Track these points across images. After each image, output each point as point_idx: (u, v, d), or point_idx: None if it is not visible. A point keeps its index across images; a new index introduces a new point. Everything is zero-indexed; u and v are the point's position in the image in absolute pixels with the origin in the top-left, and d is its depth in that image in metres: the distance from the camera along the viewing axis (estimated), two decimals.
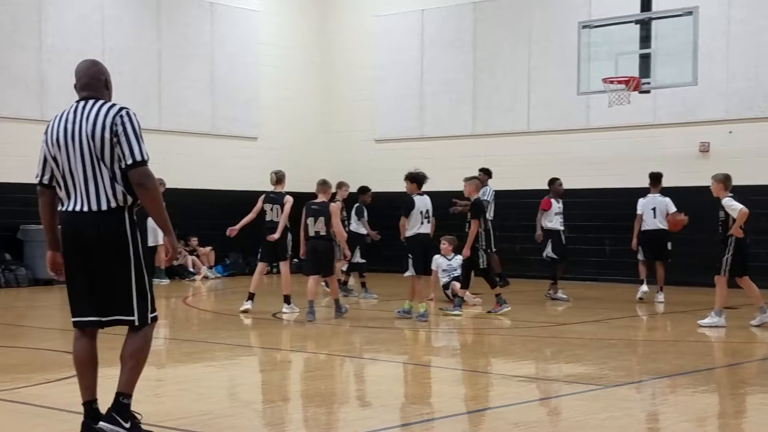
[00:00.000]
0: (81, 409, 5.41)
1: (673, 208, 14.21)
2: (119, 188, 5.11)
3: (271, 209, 12.52)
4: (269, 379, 7.90)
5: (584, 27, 16.00)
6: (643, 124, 17.73)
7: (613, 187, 17.77)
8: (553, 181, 14.93)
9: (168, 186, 18.86)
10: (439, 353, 9.67)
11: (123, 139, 5.09)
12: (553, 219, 14.54)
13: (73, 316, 5.33)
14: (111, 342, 8.90)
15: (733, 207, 11.37)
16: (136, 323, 5.25)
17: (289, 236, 12.59)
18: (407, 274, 11.63)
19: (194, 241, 19.00)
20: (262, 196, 12.78)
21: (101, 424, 5.18)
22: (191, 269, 18.63)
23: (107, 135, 5.09)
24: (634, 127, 17.84)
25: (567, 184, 18.42)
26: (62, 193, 5.23)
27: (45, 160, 5.32)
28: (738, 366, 8.25)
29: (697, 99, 16.93)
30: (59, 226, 5.30)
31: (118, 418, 5.15)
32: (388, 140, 21.13)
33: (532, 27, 19.13)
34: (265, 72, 20.94)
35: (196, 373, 7.95)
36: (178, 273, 18.33)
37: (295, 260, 14.03)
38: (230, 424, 5.87)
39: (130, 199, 5.13)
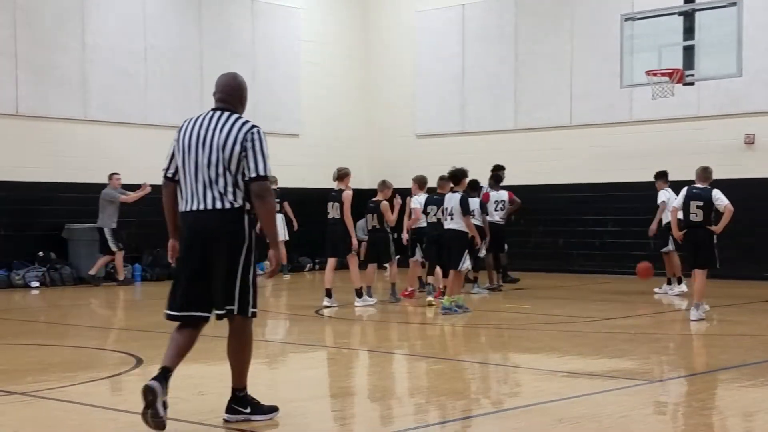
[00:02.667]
0: (126, 407, 5.67)
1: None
2: (239, 193, 5.56)
3: (332, 206, 12.73)
4: (312, 375, 7.93)
5: (627, 19, 15.87)
6: (687, 117, 17.51)
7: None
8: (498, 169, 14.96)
9: None
10: (480, 349, 9.63)
11: (251, 154, 5.55)
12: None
13: (170, 309, 5.76)
14: (156, 340, 8.98)
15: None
16: (235, 312, 5.56)
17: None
18: (462, 267, 11.83)
19: None
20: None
21: (225, 416, 5.71)
22: None
23: (237, 148, 5.54)
24: (678, 120, 17.63)
25: (610, 178, 18.32)
26: (185, 193, 5.65)
27: (173, 156, 5.76)
28: None
29: (741, 90, 16.67)
30: (179, 224, 5.75)
31: (237, 407, 5.71)
32: (429, 136, 21.10)
33: (574, 20, 18.97)
34: (306, 69, 21.02)
35: None
36: None
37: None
38: (272, 421, 5.90)
39: (247, 204, 5.57)
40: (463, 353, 9.23)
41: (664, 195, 14.27)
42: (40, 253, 16.64)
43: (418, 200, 13.77)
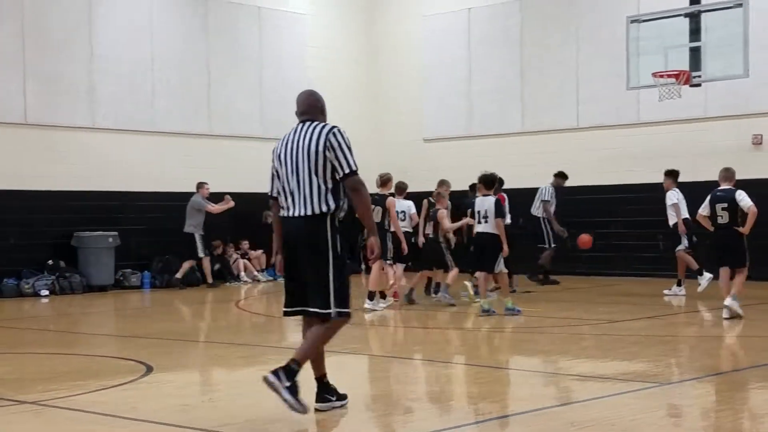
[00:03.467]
0: (136, 415, 5.86)
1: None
2: (327, 197, 5.92)
3: (375, 211, 12.67)
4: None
5: (633, 21, 15.85)
6: (694, 118, 17.47)
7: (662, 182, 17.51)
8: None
9: (217, 190, 19.13)
10: (490, 353, 9.62)
11: (338, 153, 5.94)
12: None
13: (286, 306, 6.23)
14: (166, 347, 8.99)
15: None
16: (332, 317, 5.94)
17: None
18: (498, 270, 12.10)
19: (245, 244, 19.14)
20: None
21: (267, 374, 5.98)
22: (243, 273, 18.77)
23: (320, 149, 5.93)
24: (685, 121, 17.59)
25: (618, 180, 18.29)
26: (282, 201, 6.09)
27: (273, 177, 6.23)
28: None
29: (748, 91, 16.62)
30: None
31: (282, 374, 5.94)
32: (436, 139, 21.11)
33: (580, 22, 18.96)
34: (313, 74, 21.01)
35: (251, 377, 8.00)
36: (223, 276, 18.46)
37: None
38: (283, 428, 5.90)
39: (333, 207, 5.93)
40: (473, 357, 9.22)
41: (674, 196, 14.23)
42: (50, 262, 16.68)
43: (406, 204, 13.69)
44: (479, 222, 12.08)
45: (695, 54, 15.15)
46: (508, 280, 12.73)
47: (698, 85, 15.70)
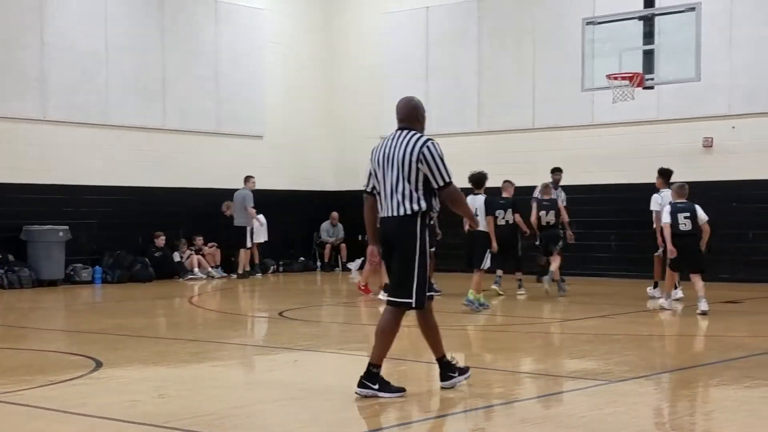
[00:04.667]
0: (85, 410, 5.66)
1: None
2: (416, 199, 6.41)
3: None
4: (275, 378, 7.90)
5: (588, 23, 16.02)
6: (647, 120, 17.73)
7: (618, 183, 17.75)
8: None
9: (172, 185, 18.99)
10: (444, 349, 9.64)
11: (432, 166, 6.41)
12: None
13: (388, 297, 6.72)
14: (117, 343, 8.92)
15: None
16: (413, 306, 6.48)
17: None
18: (485, 266, 12.52)
19: (200, 240, 19.00)
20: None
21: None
22: (196, 269, 18.63)
23: (414, 160, 6.40)
24: (639, 123, 17.84)
25: (572, 180, 18.43)
26: (379, 202, 6.58)
27: (370, 174, 6.65)
28: (742, 360, 8.24)
29: (700, 94, 16.91)
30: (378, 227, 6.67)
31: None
32: None
33: (536, 24, 19.12)
34: (270, 70, 20.96)
35: (202, 373, 7.96)
36: (178, 273, 18.31)
37: None
38: (235, 423, 5.88)
39: (425, 207, 6.43)
40: (427, 354, 9.24)
41: (657, 202, 13.77)
42: None
43: None
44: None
45: (649, 57, 15.36)
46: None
47: (651, 87, 15.91)
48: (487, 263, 12.52)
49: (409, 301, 6.47)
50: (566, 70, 17.86)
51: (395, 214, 6.45)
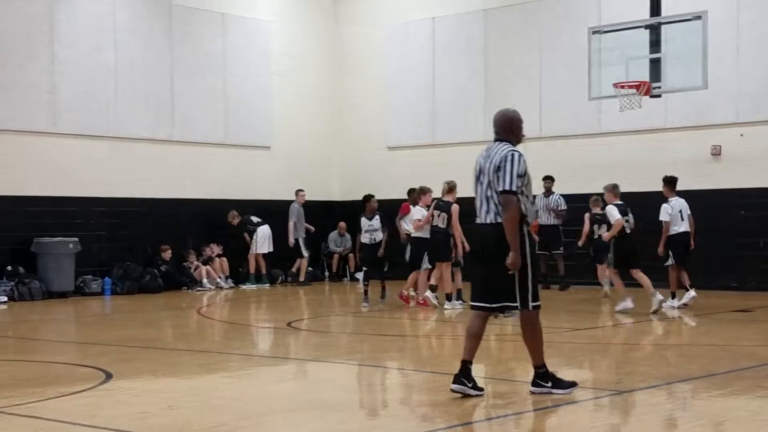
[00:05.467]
0: (95, 422, 5.74)
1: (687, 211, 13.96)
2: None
3: (438, 216, 13.68)
4: (283, 389, 7.91)
5: (594, 32, 16.02)
6: (654, 128, 17.70)
7: (626, 192, 17.65)
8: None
9: (180, 197, 19.05)
10: (449, 359, 9.64)
11: (503, 172, 6.76)
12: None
13: (470, 301, 7.07)
14: (126, 354, 8.95)
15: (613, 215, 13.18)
16: (519, 308, 6.79)
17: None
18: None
19: (210, 249, 19.01)
20: (433, 203, 13.96)
21: (531, 389, 6.89)
22: (205, 279, 18.65)
23: (495, 170, 6.79)
24: (646, 132, 17.81)
25: (579, 189, 18.41)
26: (477, 209, 6.96)
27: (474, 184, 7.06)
28: (753, 369, 8.21)
29: (707, 102, 16.88)
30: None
31: (540, 381, 6.88)
32: (400, 148, 21.16)
33: (542, 33, 19.13)
34: (277, 82, 21.01)
35: (211, 384, 7.97)
36: (185, 284, 18.33)
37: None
38: None
39: (522, 215, 6.73)
40: (432, 364, 9.25)
41: (667, 212, 13.74)
42: (9, 268, 16.46)
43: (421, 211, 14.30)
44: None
45: (655, 65, 15.35)
46: None
47: (658, 96, 15.90)
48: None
49: (514, 304, 6.80)
50: (573, 78, 17.86)
51: (488, 221, 6.81)
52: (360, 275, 14.84)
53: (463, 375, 6.83)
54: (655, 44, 15.37)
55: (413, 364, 9.31)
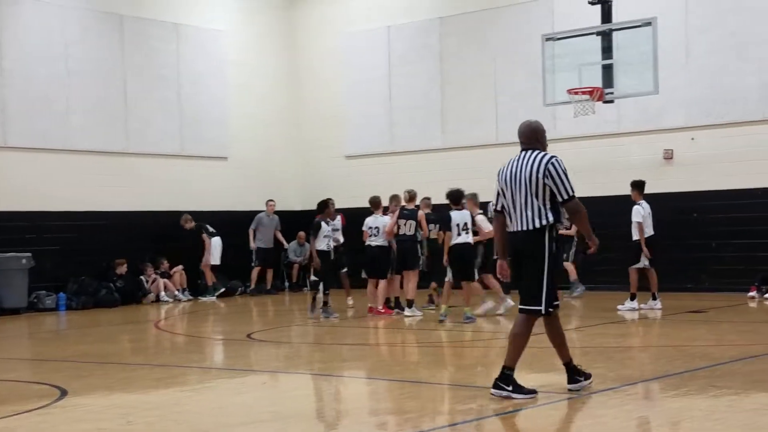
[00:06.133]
0: None
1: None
2: (544, 214, 6.95)
3: (405, 224, 13.78)
4: (243, 401, 7.85)
5: (548, 39, 16.18)
6: (608, 133, 17.92)
7: (581, 196, 17.81)
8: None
9: (136, 209, 18.86)
10: (415, 367, 9.65)
11: (557, 180, 6.95)
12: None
13: (519, 305, 7.20)
14: (82, 370, 8.82)
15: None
16: (542, 312, 7.03)
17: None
18: (446, 279, 13.16)
19: (163, 265, 18.82)
20: (397, 212, 13.98)
21: (568, 386, 7.21)
22: (163, 292, 18.48)
23: (540, 176, 6.95)
24: (600, 137, 18.02)
25: None
26: (508, 218, 7.14)
27: (498, 194, 7.27)
28: (707, 369, 8.33)
29: (659, 107, 17.14)
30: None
31: (576, 377, 7.28)
32: (358, 156, 21.17)
33: (498, 40, 19.28)
34: (233, 91, 20.92)
35: (169, 398, 7.89)
36: (138, 298, 18.12)
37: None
38: None
39: (552, 220, 6.97)
40: (395, 372, 9.25)
41: (639, 213, 13.95)
42: None
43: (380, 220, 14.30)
44: (458, 234, 12.91)
45: (608, 71, 15.55)
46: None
47: (611, 101, 16.10)
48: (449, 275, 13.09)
49: (539, 308, 7.01)
50: (528, 85, 18.02)
51: (525, 228, 6.99)
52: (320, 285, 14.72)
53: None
54: (607, 50, 15.58)
55: (374, 373, 9.30)
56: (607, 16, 16.00)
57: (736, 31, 16.76)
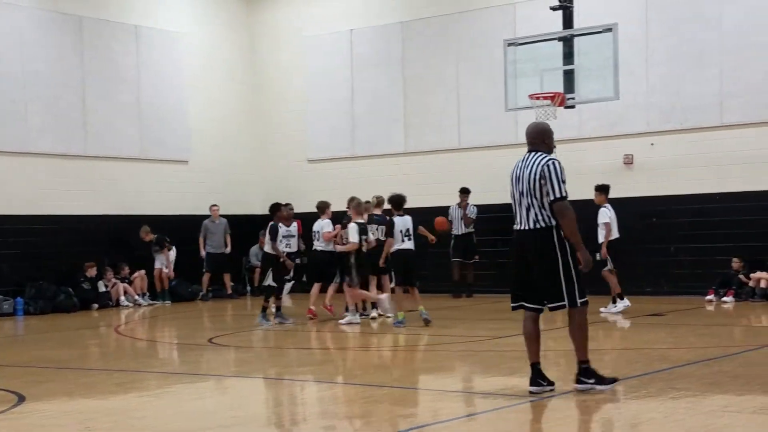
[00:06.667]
0: None
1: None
2: (546, 214, 7.16)
3: (377, 229, 13.71)
4: (203, 406, 7.80)
5: (509, 45, 16.27)
6: (569, 138, 18.00)
7: None
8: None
9: (96, 213, 18.66)
10: (375, 371, 9.65)
11: (548, 181, 7.15)
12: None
13: (512, 302, 7.43)
14: (40, 376, 8.71)
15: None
16: (567, 306, 7.20)
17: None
18: (392, 286, 13.27)
19: (124, 270, 18.63)
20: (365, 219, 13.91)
21: (576, 386, 7.28)
22: (123, 297, 18.29)
23: (537, 178, 7.19)
24: (561, 142, 18.00)
25: (499, 199, 18.63)
26: (515, 216, 7.35)
27: (511, 195, 7.45)
28: (666, 372, 8.42)
29: (619, 113, 17.31)
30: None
31: (583, 378, 7.29)
32: (320, 160, 21.13)
33: (460, 45, 19.36)
34: (193, 95, 20.78)
35: (129, 403, 7.81)
36: (104, 302, 17.96)
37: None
38: None
39: (554, 222, 7.14)
40: (358, 377, 9.24)
41: (606, 215, 14.10)
42: None
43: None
44: (402, 240, 12.95)
45: (569, 77, 15.68)
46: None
47: (572, 106, 16.23)
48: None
49: (563, 303, 7.19)
50: (490, 90, 18.11)
51: (530, 227, 7.21)
52: (284, 287, 14.60)
53: (538, 377, 7.30)
54: (568, 56, 15.71)
55: (334, 377, 9.28)
56: (568, 22, 16.15)
57: (694, 38, 17.00)
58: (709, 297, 15.92)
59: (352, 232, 13.32)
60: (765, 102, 16.47)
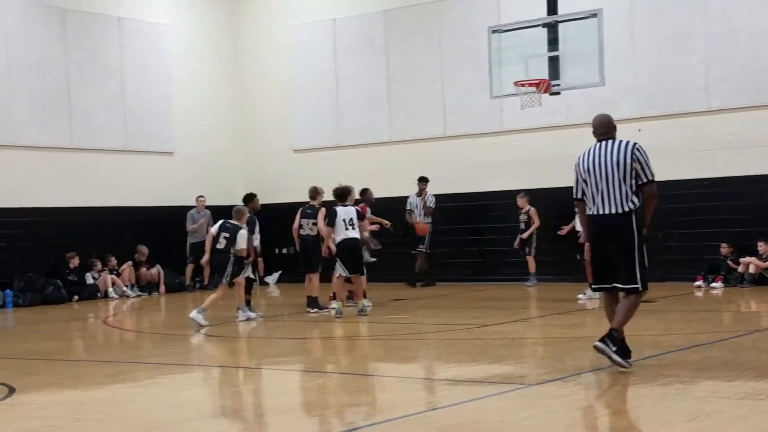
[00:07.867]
0: None
1: None
2: (631, 197, 7.60)
3: (308, 223, 13.81)
4: (193, 396, 7.80)
5: (494, 31, 16.24)
6: (556, 125, 18.04)
7: (529, 188, 18.01)
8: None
9: (82, 205, 18.58)
10: (361, 361, 9.67)
11: (642, 164, 7.64)
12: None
13: (594, 284, 7.98)
14: (29, 367, 8.69)
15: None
16: (639, 289, 7.63)
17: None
18: (337, 275, 13.05)
19: (113, 261, 18.58)
20: (300, 210, 13.96)
21: (596, 343, 7.58)
22: (111, 288, 18.25)
23: (629, 161, 7.61)
24: (548, 129, 18.15)
25: (484, 187, 18.71)
26: (590, 203, 7.74)
27: (578, 182, 7.86)
28: (656, 358, 8.46)
29: (605, 99, 17.27)
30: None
31: (609, 341, 7.57)
32: (306, 150, 21.10)
33: (443, 33, 19.33)
34: (177, 86, 20.70)
35: (119, 394, 7.80)
36: (92, 294, 17.91)
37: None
38: None
39: (638, 204, 7.60)
40: (344, 366, 9.25)
41: None
42: None
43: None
44: (346, 229, 12.93)
45: (554, 63, 15.67)
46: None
47: (558, 93, 16.22)
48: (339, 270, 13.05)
49: (636, 286, 7.57)
50: (474, 77, 18.09)
51: (613, 211, 7.57)
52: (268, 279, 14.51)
53: (610, 339, 7.55)
54: (553, 42, 15.69)
55: (323, 367, 9.30)
56: (553, 8, 16.13)
57: (678, 22, 17.01)
58: (697, 283, 15.99)
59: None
60: (751, 86, 16.51)
